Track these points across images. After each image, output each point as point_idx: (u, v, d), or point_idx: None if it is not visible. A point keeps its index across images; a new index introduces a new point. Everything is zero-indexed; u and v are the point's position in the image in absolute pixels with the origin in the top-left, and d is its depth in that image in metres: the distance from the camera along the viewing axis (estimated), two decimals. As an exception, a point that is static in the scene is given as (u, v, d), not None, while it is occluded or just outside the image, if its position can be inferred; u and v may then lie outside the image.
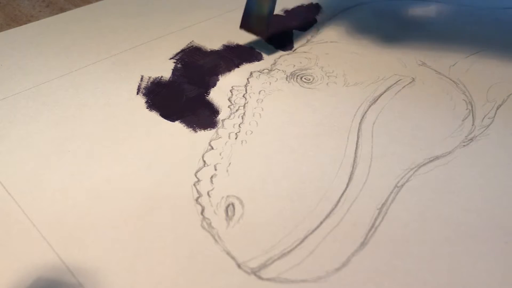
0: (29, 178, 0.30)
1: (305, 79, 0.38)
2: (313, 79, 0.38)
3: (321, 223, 0.27)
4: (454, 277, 0.25)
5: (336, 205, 0.28)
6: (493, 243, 0.27)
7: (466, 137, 0.33)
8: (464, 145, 0.33)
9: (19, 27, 0.44)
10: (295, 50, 0.42)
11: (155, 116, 0.35)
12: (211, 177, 0.30)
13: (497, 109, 0.36)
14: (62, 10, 0.47)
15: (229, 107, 0.36)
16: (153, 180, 0.30)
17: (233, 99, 0.36)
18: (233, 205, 0.28)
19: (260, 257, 0.26)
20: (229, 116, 0.35)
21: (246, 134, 0.33)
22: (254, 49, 0.42)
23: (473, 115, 0.35)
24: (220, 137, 0.33)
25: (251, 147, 0.32)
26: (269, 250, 0.26)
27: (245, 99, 0.36)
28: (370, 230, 0.27)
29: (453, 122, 0.35)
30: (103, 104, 0.36)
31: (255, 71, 0.39)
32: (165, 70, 0.39)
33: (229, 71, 0.39)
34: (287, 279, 0.25)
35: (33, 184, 0.30)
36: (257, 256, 0.26)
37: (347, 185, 0.30)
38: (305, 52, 0.42)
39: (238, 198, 0.29)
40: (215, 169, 0.31)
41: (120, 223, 0.27)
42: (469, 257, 0.26)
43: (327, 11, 0.48)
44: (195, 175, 0.30)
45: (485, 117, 0.35)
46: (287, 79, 0.38)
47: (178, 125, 0.34)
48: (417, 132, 0.34)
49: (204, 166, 0.31)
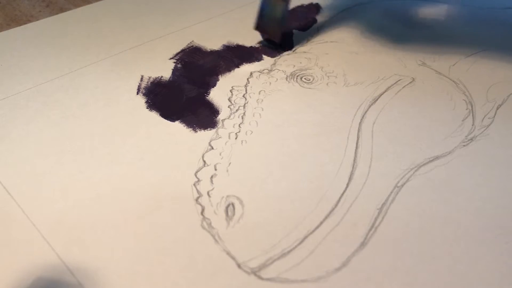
0: (29, 178, 0.30)
1: (305, 79, 0.38)
2: (313, 79, 0.38)
3: (321, 223, 0.27)
4: (454, 277, 0.25)
5: (336, 205, 0.28)
6: (493, 243, 0.27)
7: (466, 137, 0.33)
8: (464, 145, 0.33)
9: (19, 27, 0.44)
10: (295, 50, 0.42)
11: (155, 116, 0.35)
12: (211, 177, 0.30)
13: (497, 109, 0.36)
14: (62, 10, 0.47)
15: (229, 107, 0.36)
16: (153, 180, 0.30)
17: (233, 99, 0.36)
18: (233, 205, 0.28)
19: (260, 257, 0.26)
20: (229, 116, 0.35)
21: (246, 134, 0.33)
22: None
23: (473, 115, 0.35)
24: (220, 137, 0.33)
25: (251, 147, 0.32)
26: (269, 250, 0.26)
27: (245, 99, 0.36)
28: (370, 230, 0.27)
29: (453, 122, 0.35)
30: (103, 104, 0.36)
31: (255, 71, 0.39)
32: (165, 70, 0.39)
33: (229, 71, 0.39)
34: (287, 279, 0.25)
35: (33, 184, 0.30)
36: (257, 256, 0.26)
37: (347, 185, 0.30)
38: (305, 52, 0.42)
39: (238, 198, 0.29)
40: (215, 169, 0.31)
41: (120, 223, 0.27)
42: (469, 257, 0.26)
43: (327, 11, 0.48)
44: (195, 175, 0.30)
45: (485, 117, 0.35)
46: (287, 79, 0.38)
47: (178, 125, 0.34)
48: (417, 132, 0.34)
49: (204, 166, 0.31)
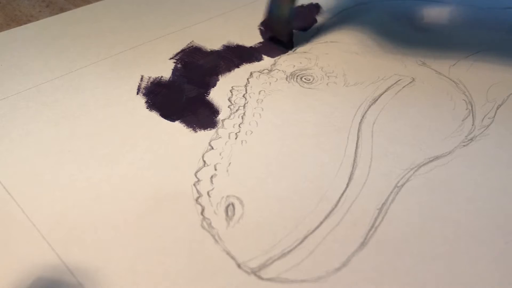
0: (29, 178, 0.30)
1: (305, 79, 0.38)
2: (313, 79, 0.38)
3: (321, 223, 0.27)
4: (454, 277, 0.25)
5: (336, 205, 0.28)
6: (493, 243, 0.27)
7: (466, 137, 0.33)
8: (464, 145, 0.33)
9: (19, 27, 0.44)
10: (295, 50, 0.42)
11: (155, 116, 0.35)
12: (211, 177, 0.30)
13: (497, 109, 0.36)
14: (62, 10, 0.47)
15: (229, 107, 0.36)
16: (153, 180, 0.30)
17: (233, 99, 0.36)
18: (233, 205, 0.28)
19: (260, 257, 0.26)
20: (229, 116, 0.35)
21: (246, 134, 0.33)
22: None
23: (473, 115, 0.35)
24: (220, 137, 0.33)
25: (251, 147, 0.32)
26: (269, 250, 0.26)
27: (245, 99, 0.36)
28: (370, 230, 0.27)
29: (453, 122, 0.35)
30: (103, 104, 0.36)
31: (255, 71, 0.39)
32: (165, 70, 0.39)
33: (229, 71, 0.39)
34: (287, 279, 0.25)
35: (33, 184, 0.30)
36: (257, 256, 0.26)
37: (347, 185, 0.30)
38: (305, 52, 0.42)
39: (238, 198, 0.29)
40: (215, 169, 0.31)
41: (120, 223, 0.27)
42: (469, 257, 0.26)
43: (327, 11, 0.48)
44: (195, 175, 0.30)
45: (485, 117, 0.35)
46: (287, 79, 0.38)
47: (178, 125, 0.34)
48: (417, 132, 0.34)
49: (204, 166, 0.31)
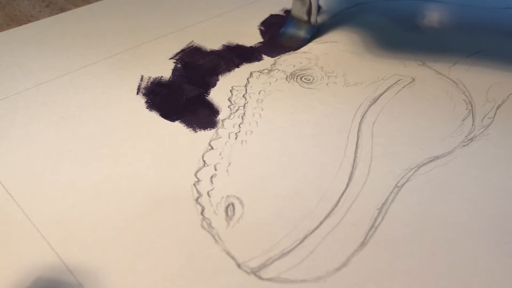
0: (29, 178, 0.30)
1: (305, 79, 0.38)
2: (313, 79, 0.38)
3: (321, 223, 0.27)
4: (454, 277, 0.25)
5: (336, 205, 0.28)
6: (493, 243, 0.27)
7: (466, 137, 0.33)
8: (464, 145, 0.33)
9: (19, 27, 0.44)
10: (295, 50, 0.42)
11: (155, 116, 0.35)
12: (211, 177, 0.30)
13: (497, 109, 0.36)
14: (62, 10, 0.47)
15: (229, 107, 0.36)
16: (153, 180, 0.30)
17: (233, 99, 0.36)
18: (233, 205, 0.28)
19: (260, 257, 0.26)
20: (229, 116, 0.35)
21: (246, 134, 0.33)
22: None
23: (473, 115, 0.35)
24: (220, 137, 0.33)
25: (251, 147, 0.32)
26: (269, 250, 0.26)
27: (245, 99, 0.36)
28: (370, 230, 0.27)
29: (453, 122, 0.35)
30: (103, 104, 0.36)
31: (255, 71, 0.39)
32: (165, 70, 0.39)
33: (229, 71, 0.39)
34: (287, 279, 0.25)
35: (33, 184, 0.30)
36: (257, 256, 0.26)
37: (347, 185, 0.30)
38: (305, 52, 0.42)
39: (238, 198, 0.29)
40: (215, 169, 0.31)
41: (120, 223, 0.27)
42: (469, 257, 0.26)
43: (327, 11, 0.48)
44: (195, 175, 0.30)
45: (485, 117, 0.35)
46: (287, 79, 0.38)
47: (178, 125, 0.34)
48: (417, 132, 0.34)
49: (204, 166, 0.31)
